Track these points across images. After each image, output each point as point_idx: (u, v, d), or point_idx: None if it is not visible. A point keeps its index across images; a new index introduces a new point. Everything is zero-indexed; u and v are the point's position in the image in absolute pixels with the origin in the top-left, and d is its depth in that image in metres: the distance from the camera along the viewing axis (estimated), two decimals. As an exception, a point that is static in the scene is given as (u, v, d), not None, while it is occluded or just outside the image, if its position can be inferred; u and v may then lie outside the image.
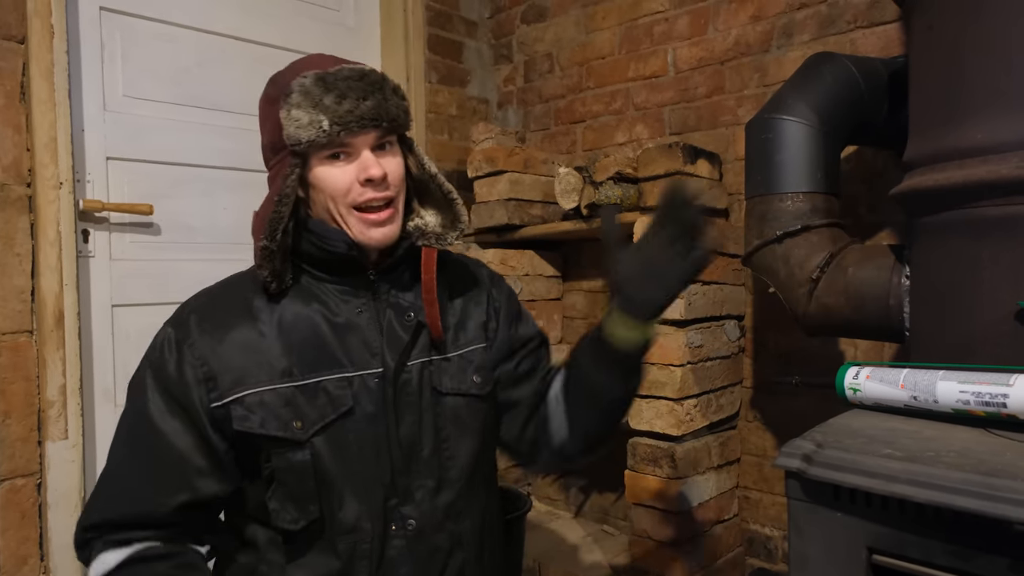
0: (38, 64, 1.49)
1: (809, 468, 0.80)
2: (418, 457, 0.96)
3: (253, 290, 0.95)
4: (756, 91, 1.83)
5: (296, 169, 0.90)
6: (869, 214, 1.65)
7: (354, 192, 0.91)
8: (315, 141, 0.88)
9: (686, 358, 1.61)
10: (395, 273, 0.99)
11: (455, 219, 1.01)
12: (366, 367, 0.94)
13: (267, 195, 0.93)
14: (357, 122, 0.88)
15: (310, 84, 0.88)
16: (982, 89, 0.98)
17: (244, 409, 0.89)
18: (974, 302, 0.97)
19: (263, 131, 0.95)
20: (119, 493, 0.89)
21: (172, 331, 0.92)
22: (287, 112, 0.88)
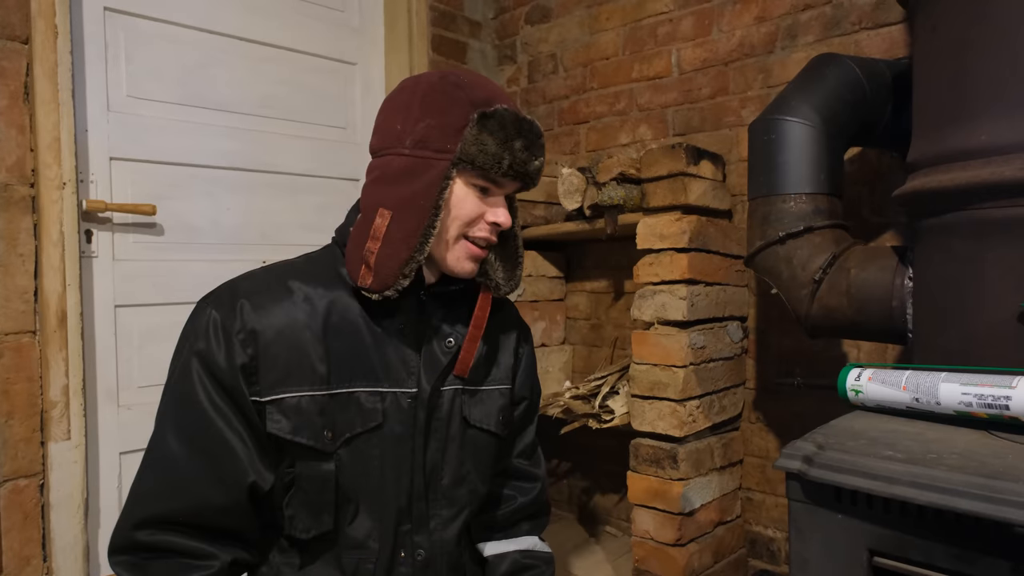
0: (42, 64, 1.49)
1: (810, 470, 0.79)
2: (437, 485, 0.96)
3: (304, 282, 0.92)
4: (760, 92, 1.83)
5: (449, 181, 0.88)
6: (872, 216, 1.65)
7: (476, 226, 0.92)
8: (486, 171, 0.88)
9: (689, 359, 1.61)
10: (444, 299, 0.99)
11: (512, 277, 1.03)
12: (401, 385, 0.93)
13: (406, 194, 0.88)
14: (522, 176, 0.92)
15: (511, 120, 0.89)
16: (986, 90, 0.97)
17: (279, 413, 0.87)
18: (977, 304, 0.97)
19: (415, 119, 0.89)
20: (176, 484, 0.85)
21: (218, 316, 0.87)
22: (478, 131, 0.87)
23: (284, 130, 2.01)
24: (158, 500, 0.85)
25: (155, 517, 0.84)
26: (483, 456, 1.01)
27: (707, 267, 1.67)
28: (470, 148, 0.86)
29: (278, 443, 0.87)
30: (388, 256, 0.87)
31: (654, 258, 1.66)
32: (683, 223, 1.61)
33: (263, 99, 1.98)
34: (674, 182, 1.63)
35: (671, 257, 1.62)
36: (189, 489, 0.85)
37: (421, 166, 0.88)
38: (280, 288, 0.91)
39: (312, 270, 0.95)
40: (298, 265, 0.96)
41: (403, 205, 0.88)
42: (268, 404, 0.86)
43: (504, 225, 0.92)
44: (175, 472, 0.85)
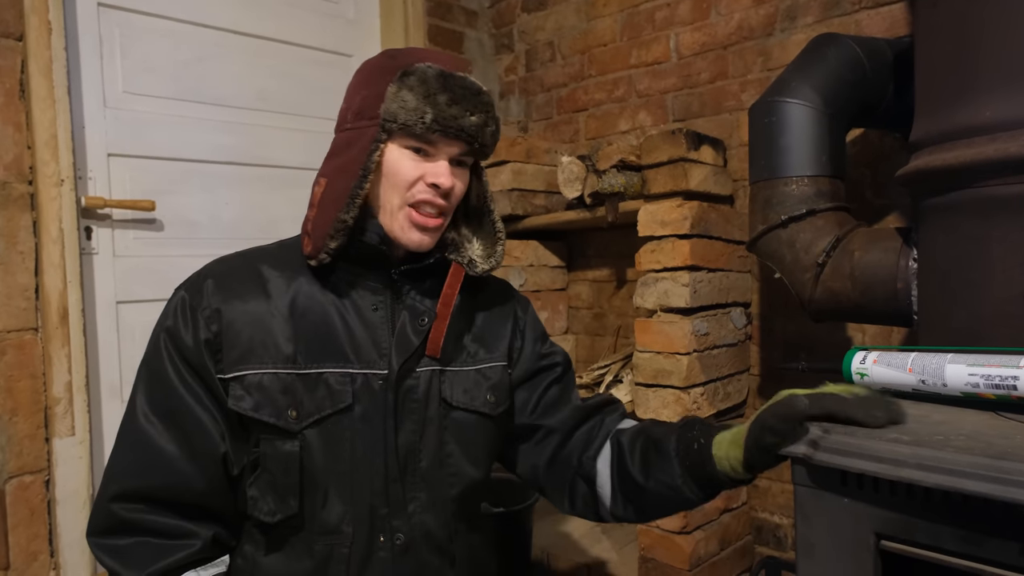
0: (37, 61, 1.49)
1: (815, 454, 0.78)
2: (415, 468, 0.93)
3: (273, 265, 0.94)
4: (760, 75, 1.81)
5: (379, 144, 0.88)
6: (875, 198, 1.63)
7: (415, 189, 0.90)
8: (409, 128, 0.87)
9: (692, 346, 1.60)
10: (419, 278, 0.97)
11: (492, 254, 1.01)
12: (372, 366, 0.92)
13: (341, 162, 0.91)
14: (455, 130, 0.89)
15: (432, 75, 0.88)
16: (989, 66, 0.96)
17: (242, 389, 0.87)
18: (983, 283, 0.95)
19: (355, 94, 0.92)
20: (151, 459, 0.86)
21: (186, 296, 0.90)
22: (397, 89, 0.87)
23: (281, 123, 2.00)
24: (134, 475, 0.86)
25: (131, 491, 0.86)
26: (472, 437, 0.98)
27: (709, 253, 1.66)
28: (391, 106, 0.87)
29: (240, 421, 0.88)
30: (319, 220, 0.90)
31: (656, 245, 1.64)
32: (684, 209, 1.60)
33: (259, 93, 1.97)
34: (675, 168, 1.62)
35: (673, 244, 1.61)
36: (164, 463, 0.86)
37: (356, 136, 0.90)
38: (248, 270, 0.93)
39: (283, 255, 0.96)
40: (269, 250, 0.98)
41: (336, 172, 0.91)
42: (231, 380, 0.87)
43: (444, 186, 0.89)
44: (149, 447, 0.87)
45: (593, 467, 1.00)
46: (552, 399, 1.07)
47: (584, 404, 1.07)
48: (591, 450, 1.01)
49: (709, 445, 0.88)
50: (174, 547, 0.86)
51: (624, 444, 0.98)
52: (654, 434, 0.96)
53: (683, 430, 0.93)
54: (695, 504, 0.93)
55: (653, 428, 0.98)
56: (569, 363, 1.12)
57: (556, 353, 1.11)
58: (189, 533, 0.87)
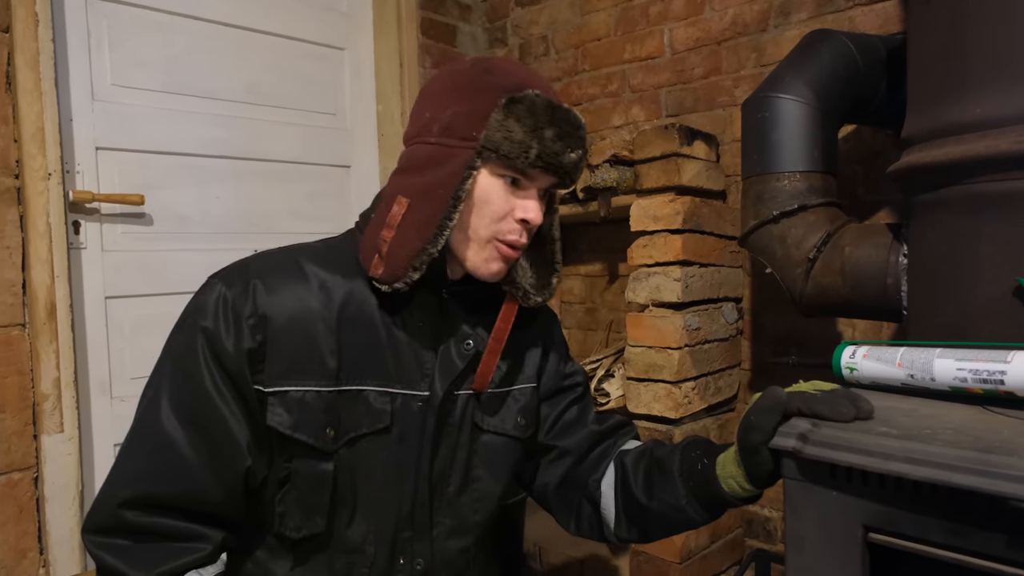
0: (23, 53, 1.47)
1: (805, 447, 0.79)
2: (443, 493, 0.91)
3: (323, 267, 0.88)
4: (753, 71, 1.81)
5: (472, 171, 0.82)
6: (867, 194, 1.64)
7: (505, 224, 0.85)
8: (512, 160, 0.82)
9: (684, 341, 1.60)
10: (468, 299, 0.93)
11: (547, 285, 0.97)
12: (413, 387, 0.88)
13: (425, 183, 0.83)
14: (555, 168, 0.84)
15: (541, 106, 0.82)
16: (980, 63, 0.96)
17: (281, 406, 0.82)
18: (972, 279, 0.96)
19: (444, 106, 0.85)
20: (172, 468, 0.80)
21: (229, 295, 0.82)
22: (504, 116, 0.81)
23: (272, 117, 1.99)
24: (151, 482, 0.80)
25: (145, 499, 0.80)
26: (500, 460, 0.96)
27: (701, 248, 1.66)
28: (495, 135, 0.81)
29: (277, 437, 0.83)
30: (400, 246, 0.83)
31: (648, 240, 1.65)
32: (677, 204, 1.60)
33: (250, 86, 1.96)
34: (667, 163, 1.62)
35: (665, 239, 1.61)
36: (187, 474, 0.80)
37: (445, 154, 0.83)
38: (295, 271, 0.86)
39: (330, 256, 0.90)
40: (316, 249, 0.91)
41: (422, 194, 0.83)
42: (271, 395, 0.82)
43: (534, 223, 0.85)
44: (172, 455, 0.80)
45: (598, 489, 0.98)
46: (570, 420, 1.04)
47: (599, 428, 1.04)
48: (598, 472, 1.00)
49: (713, 465, 0.86)
50: (183, 549, 0.81)
51: (628, 465, 0.96)
52: (657, 454, 0.94)
53: (686, 450, 0.91)
54: (700, 524, 0.91)
55: (656, 448, 0.96)
56: (587, 382, 1.10)
57: (577, 372, 1.08)
58: (200, 536, 0.82)
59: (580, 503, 1.01)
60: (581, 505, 1.01)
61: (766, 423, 0.79)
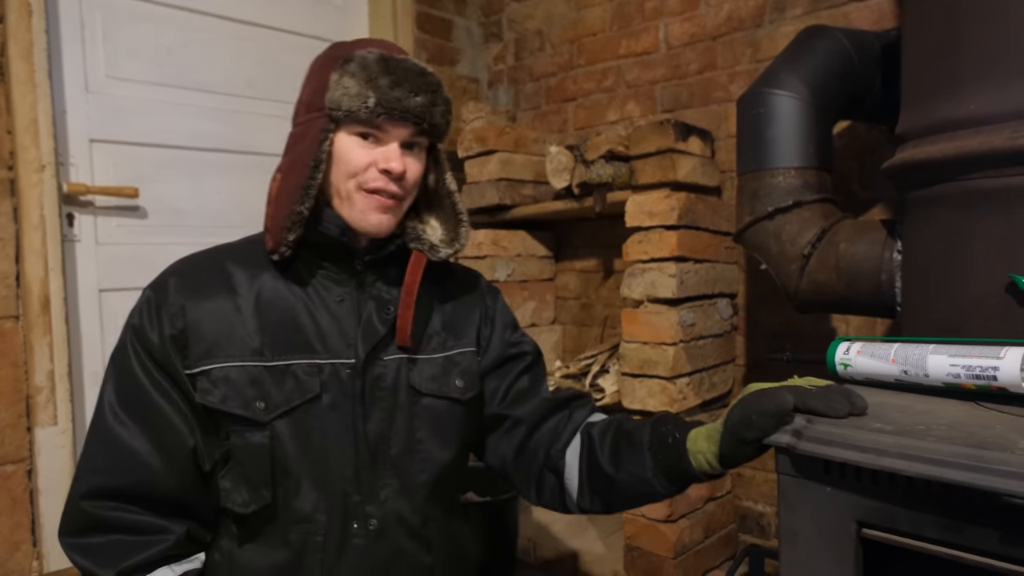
0: (16, 44, 1.46)
1: (799, 443, 0.79)
2: (385, 455, 0.94)
3: (238, 262, 0.95)
4: (748, 67, 1.81)
5: (329, 134, 0.89)
6: (861, 190, 1.64)
7: (368, 175, 0.90)
8: (354, 113, 0.87)
9: (679, 337, 1.61)
10: (383, 267, 0.98)
11: (456, 237, 1.01)
12: (339, 356, 0.92)
13: (294, 156, 0.91)
14: (400, 112, 0.88)
15: (372, 60, 0.88)
16: (975, 59, 0.96)
17: (208, 382, 0.88)
18: (966, 275, 0.96)
19: (305, 87, 0.94)
20: (121, 458, 0.86)
21: (152, 295, 0.91)
22: (339, 77, 0.87)
23: (267, 110, 1.98)
24: (104, 473, 0.86)
25: (102, 489, 0.85)
26: (443, 423, 0.99)
27: (696, 244, 1.67)
28: (334, 94, 0.87)
29: (210, 415, 0.89)
30: (276, 215, 0.91)
31: (643, 236, 1.65)
32: (672, 200, 1.60)
33: (246, 79, 1.95)
34: (663, 159, 1.62)
35: (660, 235, 1.62)
36: (134, 461, 0.86)
37: (306, 128, 0.91)
38: (213, 267, 0.94)
39: (249, 251, 0.97)
40: (236, 247, 0.99)
41: (290, 167, 0.91)
42: (198, 375, 0.88)
43: (395, 171, 0.89)
44: (118, 445, 0.87)
45: (561, 459, 1.00)
46: (522, 388, 1.06)
47: (553, 396, 1.07)
48: (559, 443, 1.01)
49: (684, 440, 0.88)
50: (147, 543, 0.86)
51: (595, 436, 0.98)
52: (626, 427, 0.96)
53: (656, 424, 0.93)
54: (663, 497, 0.94)
55: (625, 422, 0.98)
56: (539, 354, 1.12)
57: (526, 343, 1.11)
58: (162, 529, 0.87)
59: (541, 473, 1.02)
60: (543, 475, 1.02)
61: (767, 426, 0.79)
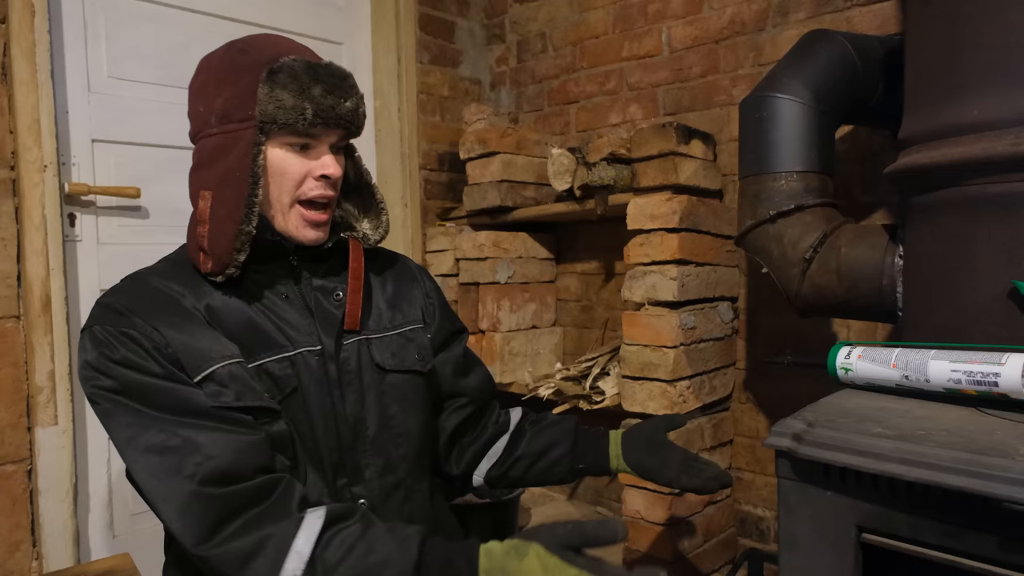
0: (19, 44, 1.46)
1: (799, 447, 0.79)
2: (364, 435, 0.96)
3: (172, 281, 0.91)
4: (751, 71, 1.81)
5: (260, 147, 0.87)
6: (863, 195, 1.64)
7: (306, 185, 0.91)
8: (292, 126, 0.87)
9: (679, 340, 1.60)
10: (316, 260, 0.99)
11: (379, 224, 1.05)
12: (305, 344, 0.93)
13: (224, 171, 0.87)
14: (335, 120, 0.90)
15: (301, 69, 0.87)
16: (978, 65, 0.96)
17: (217, 385, 0.84)
18: (968, 281, 0.96)
19: (212, 95, 0.89)
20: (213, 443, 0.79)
21: (111, 327, 0.83)
22: (270, 89, 0.86)
23: (270, 111, 1.98)
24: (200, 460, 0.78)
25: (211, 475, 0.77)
26: (410, 396, 1.02)
27: (698, 247, 1.67)
28: (267, 108, 0.86)
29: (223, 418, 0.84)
30: (218, 235, 0.87)
31: (644, 238, 1.65)
32: (674, 203, 1.60)
33: (248, 79, 1.94)
34: (665, 162, 1.62)
35: (662, 237, 1.62)
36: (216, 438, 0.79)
37: (230, 140, 0.88)
38: (150, 291, 0.89)
39: (175, 271, 0.94)
40: (158, 268, 0.95)
41: (221, 182, 0.88)
42: (203, 382, 0.83)
43: (333, 176, 0.91)
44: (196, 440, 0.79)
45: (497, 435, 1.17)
46: (468, 363, 1.17)
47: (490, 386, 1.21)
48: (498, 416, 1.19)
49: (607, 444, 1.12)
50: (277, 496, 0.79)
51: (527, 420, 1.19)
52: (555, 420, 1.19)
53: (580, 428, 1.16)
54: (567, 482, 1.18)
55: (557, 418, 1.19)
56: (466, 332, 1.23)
57: (459, 321, 1.21)
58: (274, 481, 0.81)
59: (469, 445, 1.16)
60: (468, 446, 1.16)
61: None
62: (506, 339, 2.07)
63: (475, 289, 2.07)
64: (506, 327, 2.10)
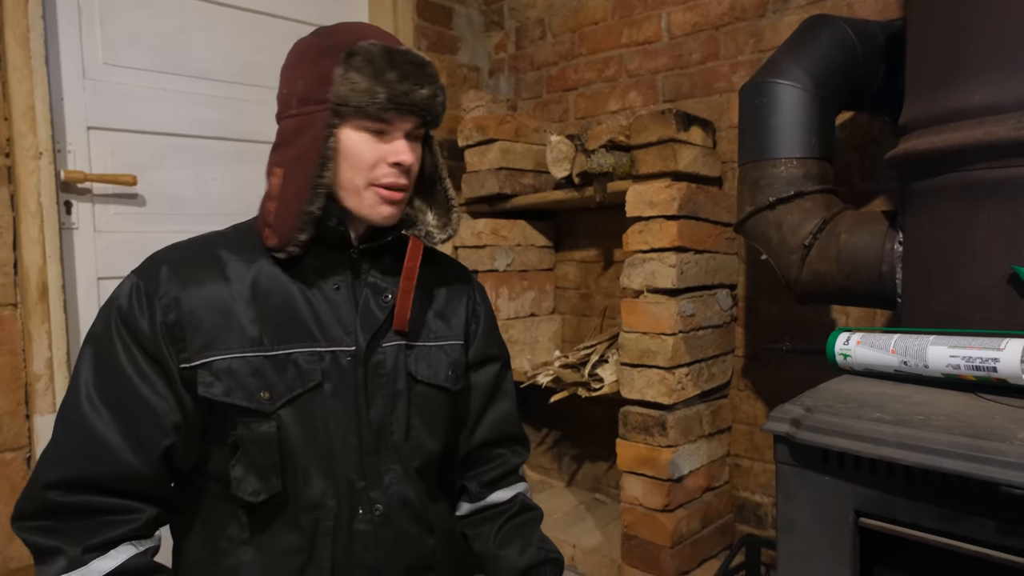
0: (13, 30, 1.45)
1: (798, 432, 0.79)
2: (388, 440, 0.95)
3: (231, 249, 0.93)
4: (751, 57, 1.80)
5: (333, 130, 0.88)
6: (863, 182, 1.64)
7: (379, 170, 0.90)
8: (364, 109, 0.86)
9: (678, 327, 1.60)
10: (378, 255, 0.98)
11: (447, 223, 1.02)
12: (339, 344, 0.93)
13: (296, 151, 0.90)
14: (409, 106, 0.89)
15: (377, 53, 0.86)
16: (979, 50, 0.96)
17: (211, 375, 0.86)
18: (967, 266, 0.96)
19: (295, 79, 0.91)
20: (93, 449, 0.83)
21: (141, 282, 0.87)
22: (344, 71, 0.85)
23: (267, 98, 1.96)
24: (74, 464, 0.82)
25: (69, 480, 0.81)
26: (432, 412, 1.01)
27: (697, 234, 1.66)
28: (340, 90, 0.86)
29: (215, 408, 0.87)
30: (283, 212, 0.89)
31: (643, 226, 1.64)
32: (673, 190, 1.59)
33: (245, 66, 1.93)
34: (664, 149, 1.62)
35: (661, 225, 1.61)
36: (107, 453, 0.83)
37: (307, 122, 0.89)
38: (205, 256, 0.92)
39: (239, 239, 0.95)
40: (226, 234, 0.97)
41: (294, 162, 0.90)
42: (199, 368, 0.86)
43: (406, 163, 0.90)
44: (93, 436, 0.83)
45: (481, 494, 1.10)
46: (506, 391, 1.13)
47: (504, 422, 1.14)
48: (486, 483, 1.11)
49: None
50: (115, 522, 0.83)
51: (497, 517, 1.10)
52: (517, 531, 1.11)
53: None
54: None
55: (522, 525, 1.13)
56: (508, 361, 1.17)
57: (500, 347, 1.15)
58: (130, 509, 0.84)
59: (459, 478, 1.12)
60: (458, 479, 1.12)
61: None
62: (505, 327, 2.07)
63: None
64: (505, 315, 2.09)
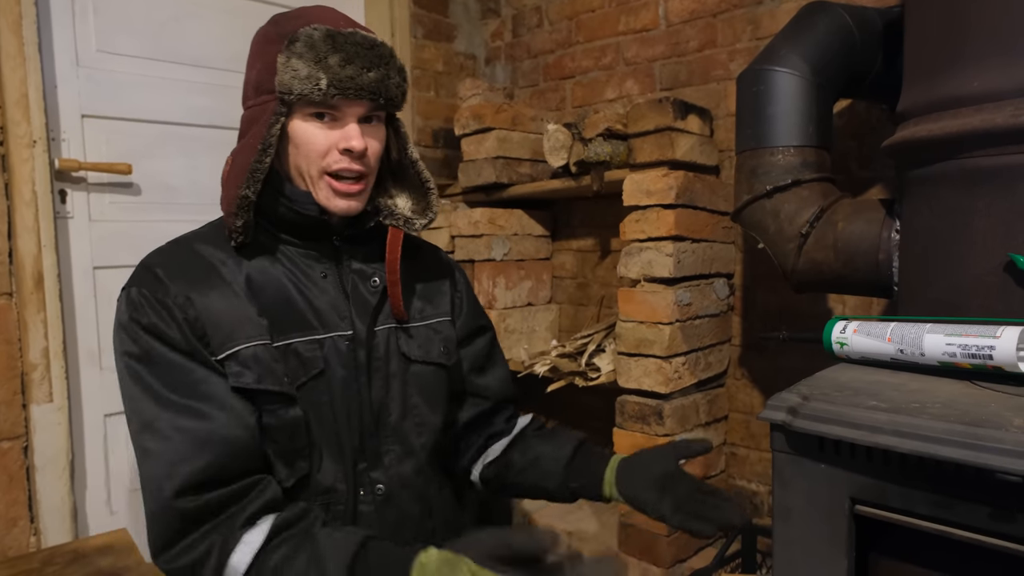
0: (5, 17, 1.43)
1: (794, 420, 0.79)
2: (386, 422, 0.96)
3: (215, 247, 0.92)
4: (749, 44, 1.79)
5: (281, 118, 0.87)
6: (860, 170, 1.63)
7: (330, 158, 0.89)
8: (307, 96, 0.85)
9: (675, 316, 1.60)
10: (359, 243, 0.98)
11: (427, 207, 1.01)
12: (336, 329, 0.93)
13: (245, 140, 0.90)
14: (355, 91, 0.86)
15: (318, 38, 0.85)
16: (978, 36, 0.95)
17: (238, 365, 0.85)
18: (964, 254, 0.96)
19: (251, 68, 0.92)
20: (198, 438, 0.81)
21: (146, 291, 0.86)
22: (286, 59, 0.85)
23: (262, 86, 1.96)
24: (191, 460, 0.80)
25: (194, 480, 0.79)
26: (432, 388, 1.02)
27: (694, 223, 1.66)
28: (284, 78, 0.85)
29: (244, 396, 0.86)
30: (226, 199, 0.90)
31: (641, 215, 1.64)
32: (670, 179, 1.59)
33: (239, 54, 1.90)
34: (661, 137, 1.61)
35: (658, 213, 1.61)
36: (216, 434, 0.81)
37: (259, 112, 0.89)
38: (191, 256, 0.91)
39: (219, 235, 0.94)
40: (203, 232, 0.97)
41: (240, 150, 0.90)
42: (226, 360, 0.85)
43: (357, 149, 0.88)
44: (191, 428, 0.81)
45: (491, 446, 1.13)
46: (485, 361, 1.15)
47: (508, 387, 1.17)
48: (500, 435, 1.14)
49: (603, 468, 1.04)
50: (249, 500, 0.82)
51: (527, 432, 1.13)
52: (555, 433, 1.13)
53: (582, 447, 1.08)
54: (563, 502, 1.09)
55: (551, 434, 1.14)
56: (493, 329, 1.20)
57: (486, 317, 1.18)
58: (254, 484, 0.83)
59: (473, 441, 1.14)
60: (472, 442, 1.14)
61: None
62: (502, 316, 2.07)
63: (470, 266, 2.07)
64: (502, 304, 2.09)
